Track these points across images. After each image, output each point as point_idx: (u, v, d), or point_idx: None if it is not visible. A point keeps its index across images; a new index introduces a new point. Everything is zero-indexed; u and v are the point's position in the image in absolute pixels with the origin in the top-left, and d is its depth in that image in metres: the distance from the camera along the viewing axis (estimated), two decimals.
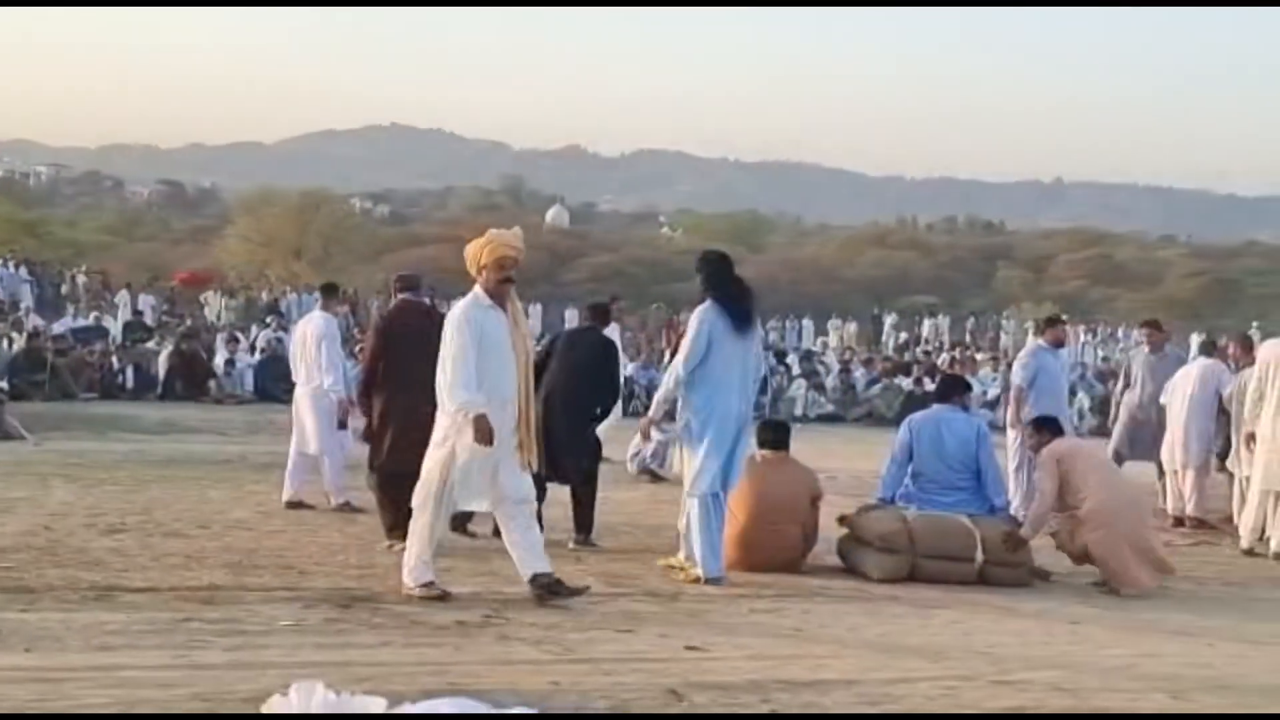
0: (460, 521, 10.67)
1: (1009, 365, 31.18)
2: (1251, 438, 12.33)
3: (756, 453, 10.68)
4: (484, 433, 8.36)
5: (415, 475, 8.80)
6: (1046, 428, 11.07)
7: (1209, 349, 15.15)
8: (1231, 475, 13.61)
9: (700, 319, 9.85)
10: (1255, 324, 40.49)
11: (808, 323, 47.86)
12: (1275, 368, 12.17)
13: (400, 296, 11.19)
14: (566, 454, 10.76)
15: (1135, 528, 10.37)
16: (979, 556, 10.31)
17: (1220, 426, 14.16)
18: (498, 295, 8.64)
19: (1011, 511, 11.34)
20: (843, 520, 10.90)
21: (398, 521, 9.83)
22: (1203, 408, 14.04)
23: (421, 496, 8.77)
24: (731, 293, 9.91)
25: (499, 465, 8.65)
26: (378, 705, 5.72)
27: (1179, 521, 13.94)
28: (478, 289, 8.67)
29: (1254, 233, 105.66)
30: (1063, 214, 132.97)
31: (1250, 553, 12.33)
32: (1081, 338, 43.37)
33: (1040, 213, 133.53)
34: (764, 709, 6.81)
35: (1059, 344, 14.09)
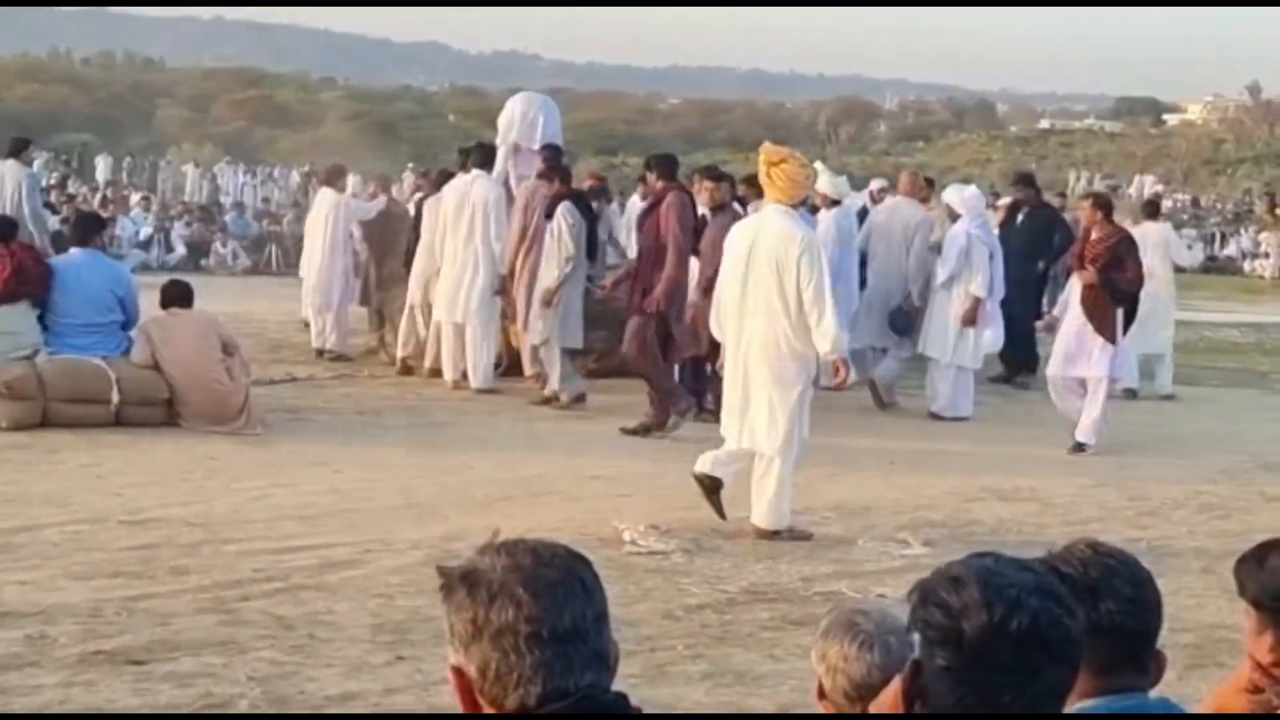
0: None
1: (163, 205, 30.62)
2: (436, 274, 12.66)
3: None
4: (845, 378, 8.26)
5: None
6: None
7: (333, 178, 15.36)
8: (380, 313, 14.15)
9: None
10: (410, 165, 42.07)
11: None
12: (451, 212, 12.52)
13: None
14: None
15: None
16: (115, 397, 10.03)
17: (361, 265, 14.63)
18: None
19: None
20: None
21: None
22: (337, 249, 14.43)
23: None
24: None
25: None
26: None
27: (320, 354, 14.27)
28: (793, 211, 8.08)
29: (408, 78, 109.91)
30: (223, 53, 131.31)
31: (456, 385, 12.46)
32: (241, 178, 43.24)
33: (201, 51, 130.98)
34: None
35: None
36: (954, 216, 12.76)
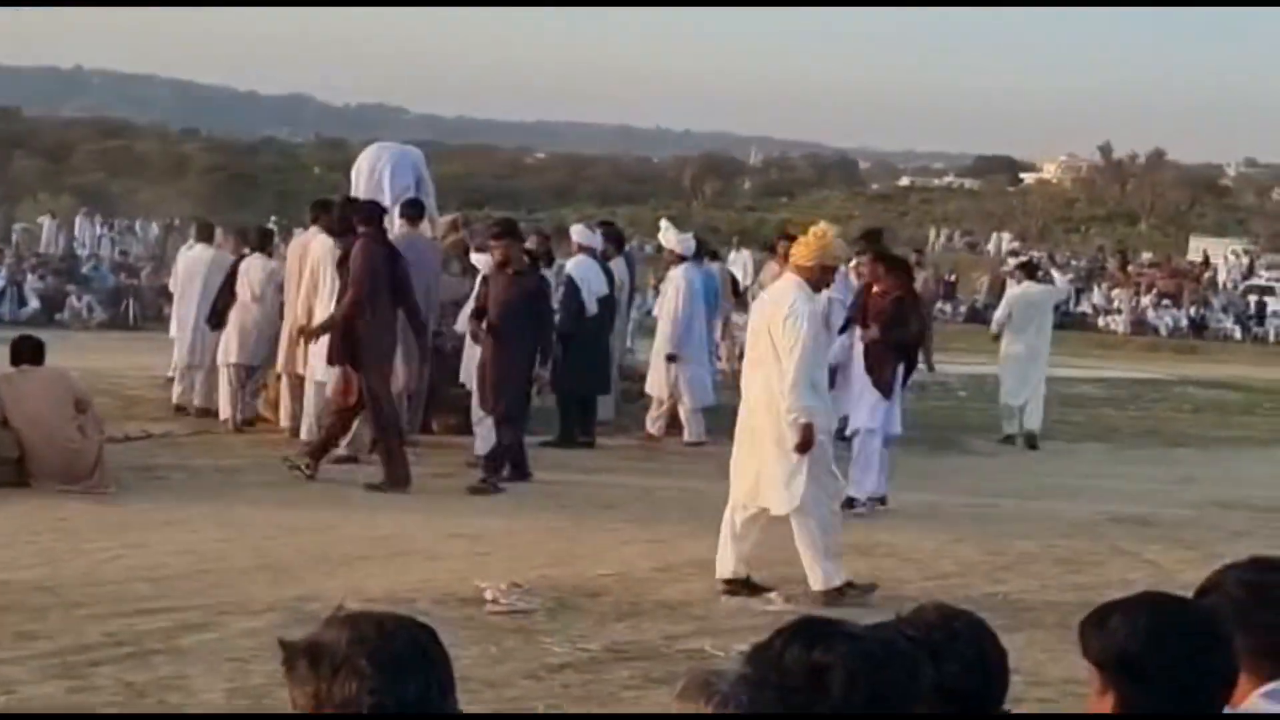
0: None
1: (16, 257, 29.93)
2: (303, 331, 12.34)
3: None
4: (807, 444, 7.90)
5: None
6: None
7: (207, 234, 15.15)
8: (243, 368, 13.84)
9: None
10: (274, 218, 41.65)
11: None
12: (320, 262, 12.25)
13: None
14: None
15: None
16: None
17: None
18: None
19: None
20: None
21: None
22: (205, 300, 14.20)
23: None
24: None
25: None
26: None
27: (179, 410, 14.01)
28: (803, 282, 8.11)
29: (272, 130, 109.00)
30: (83, 103, 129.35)
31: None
32: (98, 230, 42.35)
33: (60, 101, 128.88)
34: None
35: None
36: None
